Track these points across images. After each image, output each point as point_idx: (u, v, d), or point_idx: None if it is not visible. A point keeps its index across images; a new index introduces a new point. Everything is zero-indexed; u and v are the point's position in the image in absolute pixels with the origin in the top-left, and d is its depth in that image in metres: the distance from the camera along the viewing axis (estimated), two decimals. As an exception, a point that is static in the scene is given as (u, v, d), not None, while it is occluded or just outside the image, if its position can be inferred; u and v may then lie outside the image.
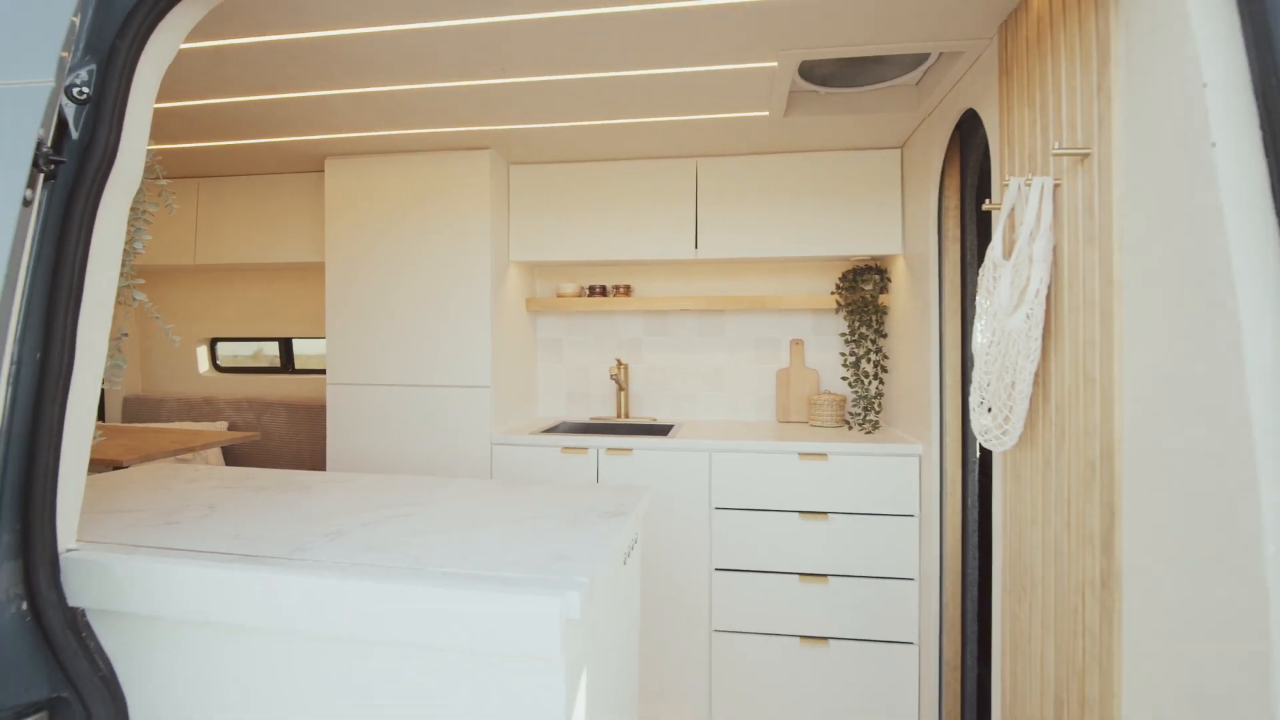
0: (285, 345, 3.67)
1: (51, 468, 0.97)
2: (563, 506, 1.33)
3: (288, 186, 2.97)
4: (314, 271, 3.40)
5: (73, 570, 1.00)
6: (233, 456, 3.44)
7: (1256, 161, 0.81)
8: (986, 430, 1.40)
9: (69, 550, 1.01)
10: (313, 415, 3.43)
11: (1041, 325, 1.26)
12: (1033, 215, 1.23)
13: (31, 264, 0.95)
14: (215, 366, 3.77)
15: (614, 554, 1.09)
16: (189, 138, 2.53)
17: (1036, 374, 1.31)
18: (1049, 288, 1.26)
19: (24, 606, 0.96)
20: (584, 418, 3.13)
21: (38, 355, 0.96)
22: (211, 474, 1.68)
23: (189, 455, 2.73)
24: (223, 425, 3.52)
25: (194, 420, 3.59)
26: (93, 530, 1.15)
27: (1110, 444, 1.07)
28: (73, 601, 1.00)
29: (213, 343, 3.74)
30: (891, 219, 2.57)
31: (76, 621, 0.99)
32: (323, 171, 2.87)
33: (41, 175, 0.92)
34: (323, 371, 3.58)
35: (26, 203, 0.86)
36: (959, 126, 2.00)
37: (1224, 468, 0.82)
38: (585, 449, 2.47)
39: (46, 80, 0.87)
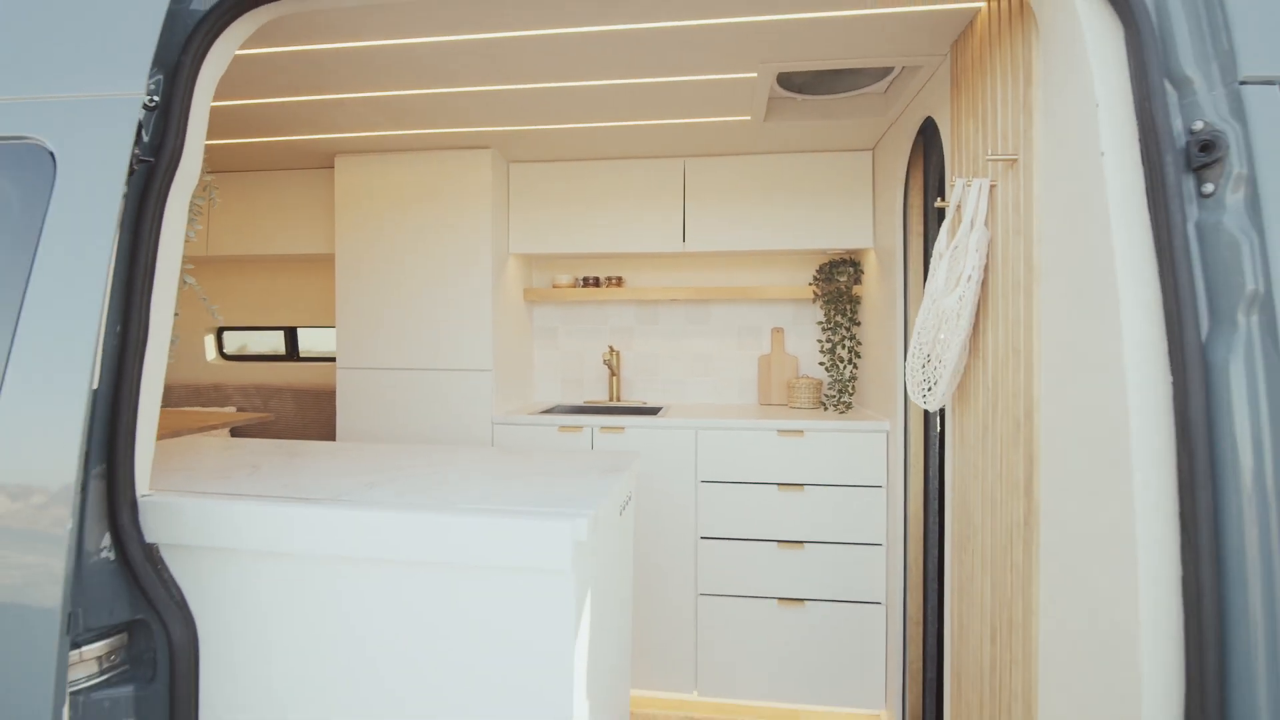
0: (290, 334, 3.80)
1: (130, 425, 1.12)
2: (566, 466, 1.50)
3: (298, 182, 3.11)
4: (318, 263, 3.53)
5: (148, 512, 1.16)
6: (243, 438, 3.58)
7: (1136, 169, 0.99)
8: (915, 392, 1.61)
9: (144, 496, 1.17)
10: (319, 400, 3.58)
11: (973, 305, 1.44)
12: (970, 212, 1.42)
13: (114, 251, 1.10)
14: (222, 355, 3.90)
15: (613, 499, 1.26)
16: (207, 135, 2.66)
17: (974, 347, 1.50)
18: (985, 273, 1.44)
19: (108, 542, 1.12)
20: (578, 401, 3.30)
21: (118, 328, 1.11)
22: (244, 444, 1.83)
23: (205, 435, 2.87)
24: (231, 410, 3.65)
25: (203, 405, 3.72)
26: (155, 484, 1.31)
27: (1030, 404, 1.25)
28: (148, 538, 1.16)
29: (219, 331, 3.87)
30: (863, 215, 2.76)
31: (152, 555, 1.15)
32: (332, 168, 3.01)
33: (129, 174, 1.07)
34: (326, 359, 3.72)
35: (124, 197, 1.02)
36: (922, 131, 2.18)
37: (1107, 417, 1.00)
38: (581, 428, 2.64)
39: (139, 93, 1.02)
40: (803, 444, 2.53)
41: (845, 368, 2.91)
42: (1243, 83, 0.91)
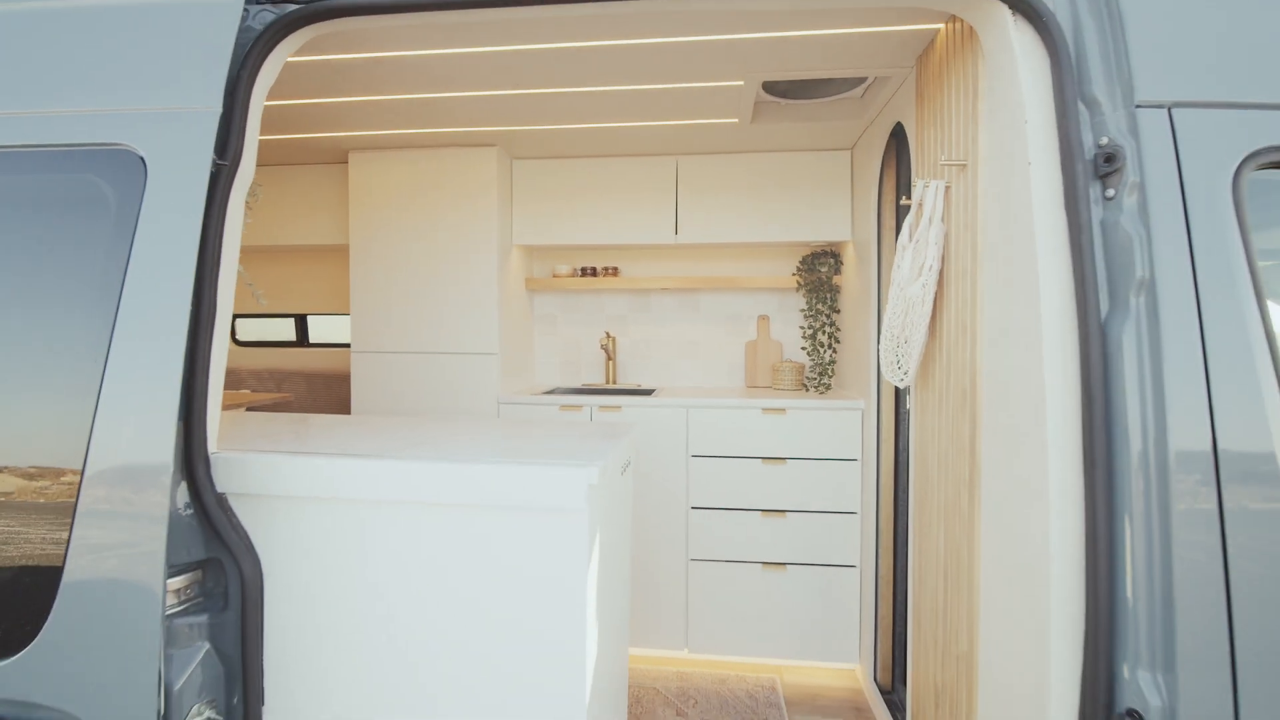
0: (300, 321, 3.96)
1: (204, 391, 1.29)
2: (572, 432, 1.68)
3: (312, 176, 3.25)
4: (327, 253, 3.68)
5: (218, 465, 1.33)
6: (257, 421, 3.73)
7: (1055, 175, 1.18)
8: (889, 372, 1.80)
9: (214, 453, 1.34)
10: (330, 383, 3.74)
11: (934, 293, 1.63)
12: (929, 209, 1.60)
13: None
14: (235, 341, 4.04)
15: (616, 457, 1.45)
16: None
17: (933, 328, 1.69)
18: (942, 263, 1.63)
19: (185, 489, 1.29)
20: (576, 384, 3.48)
21: (189, 308, 1.28)
22: (275, 418, 2.00)
23: (229, 412, 3.03)
24: (246, 392, 3.81)
25: (218, 389, 3.86)
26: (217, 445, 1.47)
27: (974, 374, 1.45)
28: (219, 489, 1.33)
29: (233, 318, 4.01)
30: (843, 210, 2.95)
31: (223, 503, 1.32)
32: (345, 163, 3.16)
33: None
34: (336, 345, 3.87)
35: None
36: (894, 134, 2.36)
37: (1030, 382, 1.20)
38: (580, 407, 2.82)
39: (216, 106, 1.19)
40: (785, 421, 2.72)
41: (825, 352, 3.10)
42: (1138, 106, 1.10)
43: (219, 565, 1.31)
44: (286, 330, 4.00)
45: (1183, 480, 1.01)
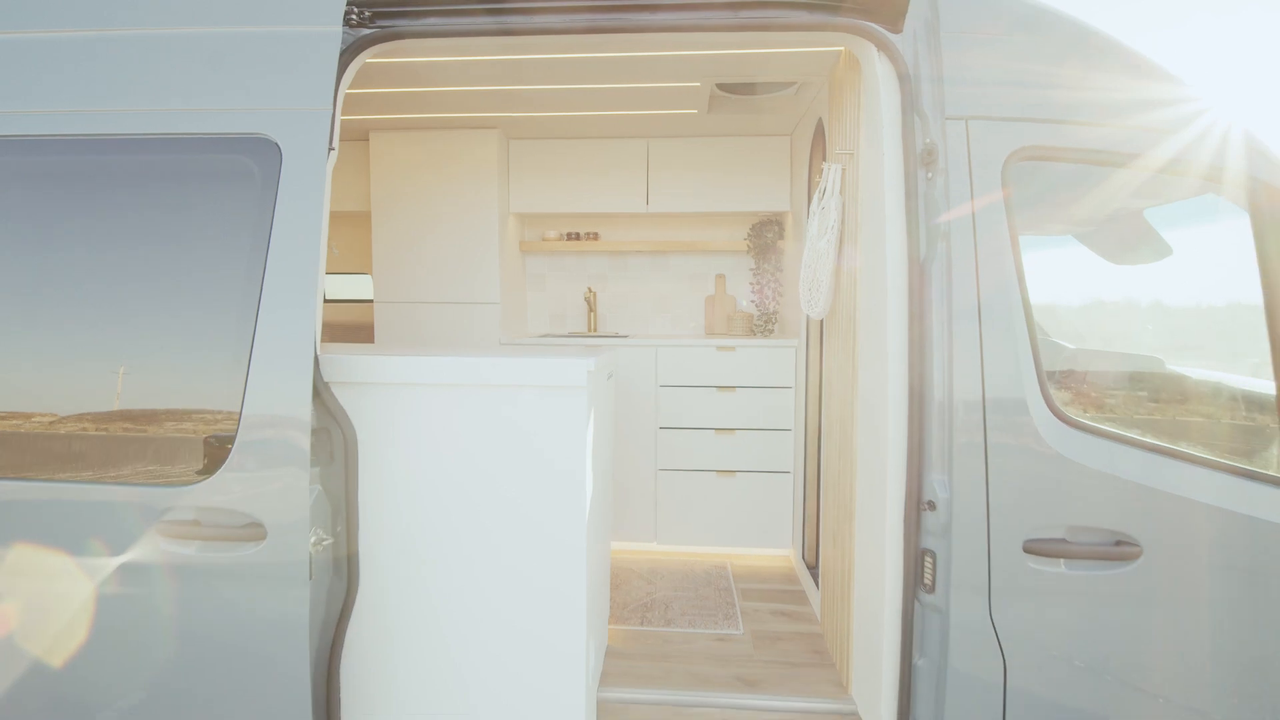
0: (318, 279, 4.36)
1: (312, 315, 1.77)
2: (569, 349, 2.20)
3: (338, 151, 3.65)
4: (348, 219, 4.09)
5: (322, 362, 1.81)
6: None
7: (900, 164, 1.71)
8: (805, 306, 2.35)
9: (319, 355, 1.82)
10: (348, 333, 4.18)
11: (836, 246, 2.17)
12: (831, 185, 2.14)
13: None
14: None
15: (604, 361, 1.97)
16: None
17: (836, 273, 2.24)
18: (840, 225, 2.17)
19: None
20: (563, 332, 3.98)
21: (320, 255, 1.75)
22: (330, 346, 2.47)
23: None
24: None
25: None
26: (310, 354, 1.95)
27: (854, 311, 2.00)
28: (326, 378, 1.81)
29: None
30: (783, 186, 3.47)
31: (328, 387, 1.81)
32: (366, 141, 3.58)
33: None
34: (356, 300, 4.31)
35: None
36: (818, 127, 2.88)
37: (881, 309, 1.74)
38: (568, 347, 3.34)
39: (328, 106, 1.65)
40: (735, 357, 3.27)
41: (770, 304, 3.65)
42: (948, 118, 1.63)
43: (326, 432, 1.80)
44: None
45: (962, 342, 1.57)
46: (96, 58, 1.66)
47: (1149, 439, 1.58)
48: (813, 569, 3.01)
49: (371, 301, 3.65)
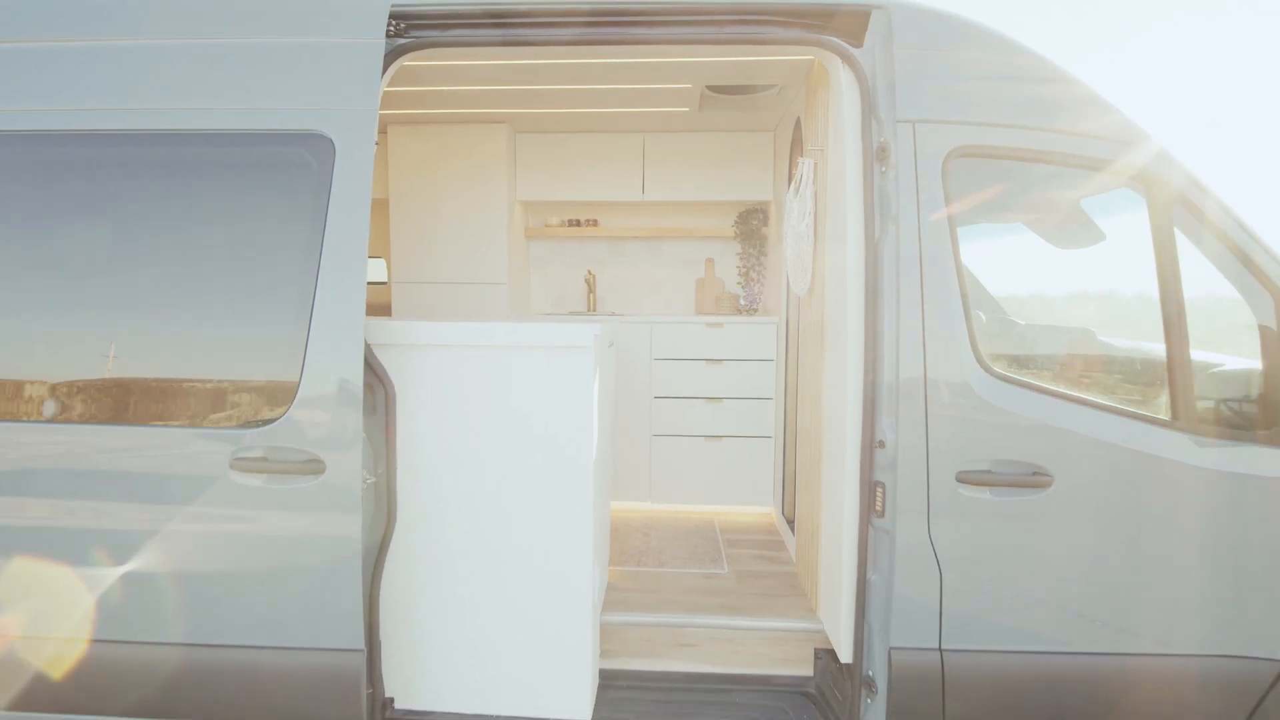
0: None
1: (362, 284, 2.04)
2: (575, 319, 2.47)
3: (353, 144, 3.90)
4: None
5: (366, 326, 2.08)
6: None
7: (859, 158, 1.98)
8: (793, 285, 2.63)
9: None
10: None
11: (813, 230, 2.45)
12: (805, 176, 2.41)
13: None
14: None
15: (605, 332, 2.25)
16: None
17: (814, 254, 2.52)
18: (814, 213, 2.45)
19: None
20: (564, 312, 4.25)
21: (366, 235, 2.01)
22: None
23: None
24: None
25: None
26: (352, 322, 2.22)
27: (823, 283, 2.28)
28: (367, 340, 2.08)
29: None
30: (767, 177, 3.74)
31: (371, 349, 2.08)
32: (385, 133, 3.81)
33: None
34: (370, 282, 4.55)
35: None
36: (797, 125, 3.15)
37: (844, 292, 2.02)
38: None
39: (374, 106, 1.90)
40: (722, 333, 3.56)
41: (755, 286, 3.93)
42: (898, 121, 1.91)
43: (370, 387, 2.07)
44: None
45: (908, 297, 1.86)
46: (186, 62, 1.91)
47: (1061, 389, 1.88)
48: (791, 522, 3.31)
49: (385, 283, 3.90)
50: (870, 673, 1.96)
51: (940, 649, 1.89)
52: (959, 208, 1.90)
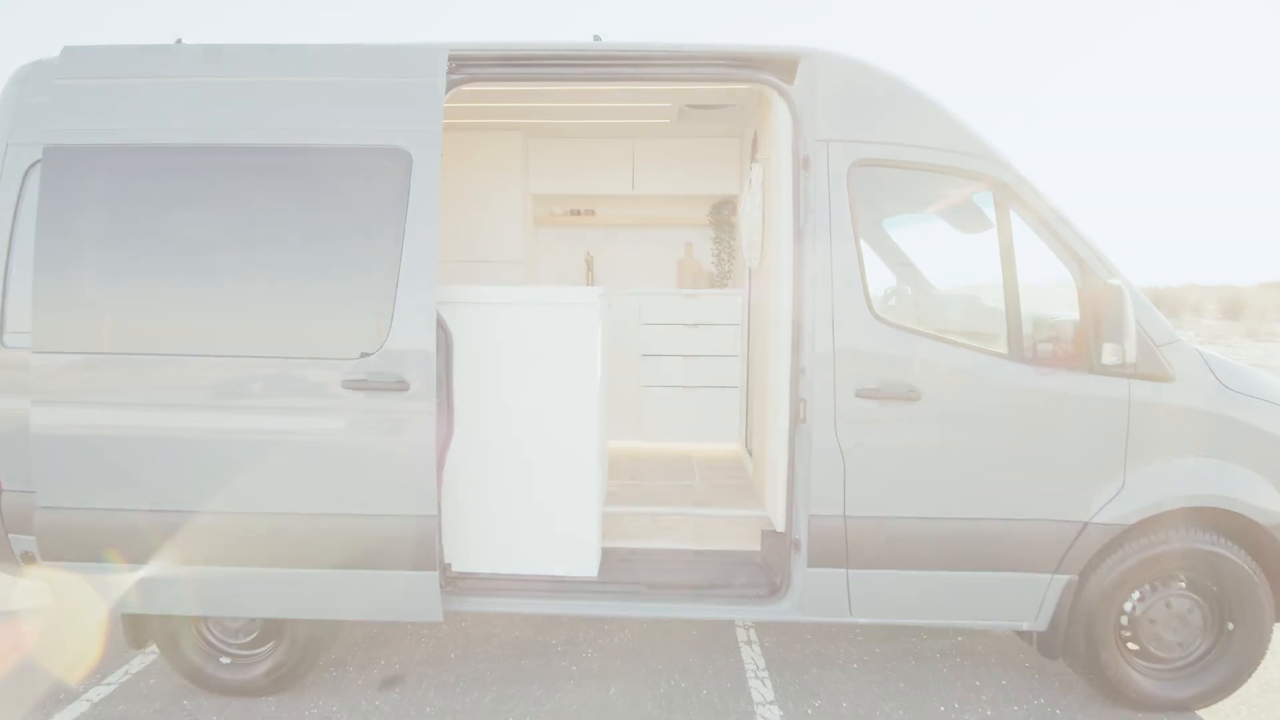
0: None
1: (434, 258, 2.68)
2: (571, 287, 3.13)
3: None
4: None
5: (429, 292, 2.72)
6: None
7: (788, 167, 2.64)
8: (747, 258, 3.30)
9: (425, 286, 2.72)
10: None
11: (761, 218, 3.12)
12: (756, 180, 3.07)
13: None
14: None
15: (605, 294, 2.91)
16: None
17: (762, 236, 3.19)
18: (762, 205, 3.11)
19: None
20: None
21: (436, 233, 2.64)
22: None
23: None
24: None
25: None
26: (416, 287, 2.87)
27: (769, 258, 2.95)
28: (430, 302, 2.72)
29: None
30: (736, 175, 4.40)
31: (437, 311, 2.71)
32: (417, 138, 4.42)
33: (429, 159, 2.58)
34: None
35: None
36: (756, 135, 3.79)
37: (779, 267, 2.69)
38: (575, 295, 4.27)
39: (438, 124, 2.53)
40: (698, 302, 4.23)
41: (725, 264, 4.60)
42: (816, 140, 2.56)
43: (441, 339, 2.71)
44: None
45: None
46: (307, 94, 2.52)
47: (930, 331, 2.57)
48: (752, 454, 4.01)
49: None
50: (797, 536, 2.65)
51: (844, 515, 2.57)
52: (859, 203, 2.57)
